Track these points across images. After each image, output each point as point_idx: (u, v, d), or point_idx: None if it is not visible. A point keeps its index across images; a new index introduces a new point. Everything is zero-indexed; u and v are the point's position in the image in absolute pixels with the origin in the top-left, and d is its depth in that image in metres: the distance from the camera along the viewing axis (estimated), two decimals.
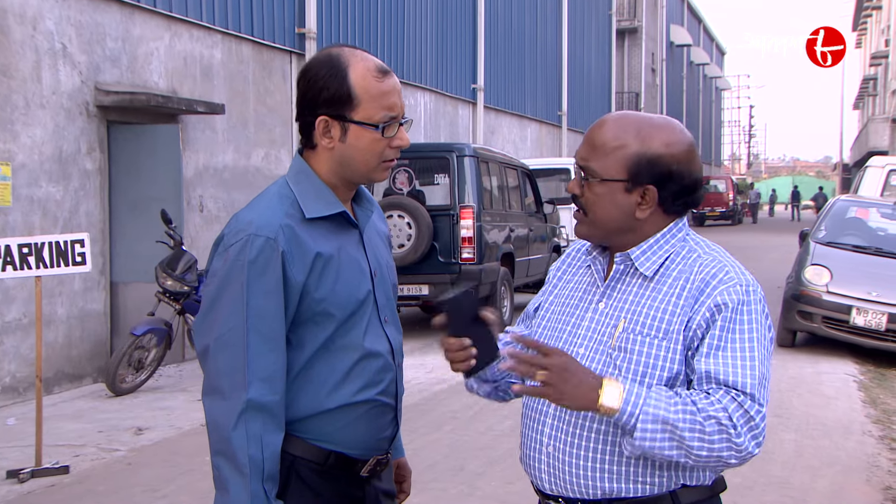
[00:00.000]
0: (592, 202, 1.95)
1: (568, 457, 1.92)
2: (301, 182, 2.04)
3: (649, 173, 1.91)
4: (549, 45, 22.73)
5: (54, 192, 7.80)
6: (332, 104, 1.99)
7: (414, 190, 10.42)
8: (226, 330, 1.93)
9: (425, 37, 15.52)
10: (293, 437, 1.99)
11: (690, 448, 1.78)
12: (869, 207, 11.32)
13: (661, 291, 1.91)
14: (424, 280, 10.18)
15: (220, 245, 1.99)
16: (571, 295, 2.06)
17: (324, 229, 2.02)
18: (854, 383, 8.48)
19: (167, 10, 9.04)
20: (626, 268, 1.97)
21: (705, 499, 1.95)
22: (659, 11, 37.91)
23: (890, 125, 29.11)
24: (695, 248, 1.96)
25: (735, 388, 1.81)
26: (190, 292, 7.96)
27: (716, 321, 1.85)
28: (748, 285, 1.89)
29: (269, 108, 10.84)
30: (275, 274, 1.93)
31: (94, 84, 8.20)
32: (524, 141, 20.99)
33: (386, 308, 2.13)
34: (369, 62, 2.02)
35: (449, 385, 7.85)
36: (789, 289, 10.05)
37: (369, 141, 2.01)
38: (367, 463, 2.08)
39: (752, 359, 1.83)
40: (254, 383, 1.91)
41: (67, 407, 7.37)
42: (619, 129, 1.94)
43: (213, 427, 1.94)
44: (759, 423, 1.80)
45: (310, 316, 1.98)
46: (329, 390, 2.01)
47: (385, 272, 2.16)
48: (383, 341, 2.09)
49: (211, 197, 9.79)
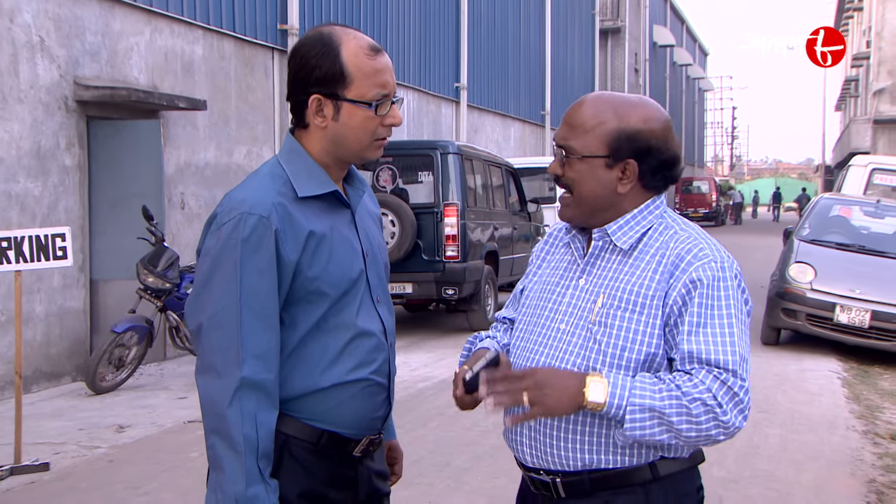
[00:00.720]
0: (575, 180, 1.99)
1: (549, 429, 1.96)
2: (293, 161, 2.04)
3: (629, 148, 1.96)
4: (533, 44, 22.73)
5: (32, 187, 7.70)
6: (325, 83, 1.98)
7: (397, 188, 10.36)
8: (219, 308, 1.92)
9: (408, 34, 15.47)
10: (286, 417, 1.99)
11: (680, 431, 1.83)
12: (852, 206, 11.37)
13: (639, 267, 1.95)
14: (408, 278, 10.12)
15: (213, 224, 1.98)
16: (553, 273, 2.10)
17: (316, 208, 2.02)
18: (838, 380, 8.50)
19: (148, 4, 8.95)
20: (604, 244, 2.01)
21: (684, 469, 1.99)
22: (642, 12, 38.00)
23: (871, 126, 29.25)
24: (671, 224, 2.00)
25: (717, 366, 1.84)
26: (172, 289, 7.88)
27: (693, 298, 1.89)
28: (723, 261, 1.92)
29: (250, 105, 10.76)
30: (268, 252, 1.92)
31: (73, 78, 8.10)
32: (507, 140, 20.97)
33: (378, 288, 2.13)
34: (361, 40, 2.02)
35: (434, 382, 7.80)
36: (774, 286, 10.06)
37: (362, 119, 2.01)
38: (359, 443, 2.08)
39: (730, 335, 1.87)
40: (248, 361, 1.90)
41: (46, 406, 7.27)
42: (597, 107, 1.99)
43: (208, 405, 1.93)
44: (743, 398, 1.84)
45: (303, 295, 1.98)
46: (322, 369, 2.01)
47: (377, 252, 2.16)
48: (376, 321, 2.10)
49: (192, 194, 9.70)
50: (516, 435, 2.03)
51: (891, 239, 10.51)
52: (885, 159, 15.52)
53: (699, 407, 1.81)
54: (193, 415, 6.73)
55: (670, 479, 1.96)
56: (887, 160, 15.19)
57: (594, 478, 1.95)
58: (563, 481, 1.97)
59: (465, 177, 10.48)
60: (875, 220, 10.99)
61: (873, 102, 29.59)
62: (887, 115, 28.76)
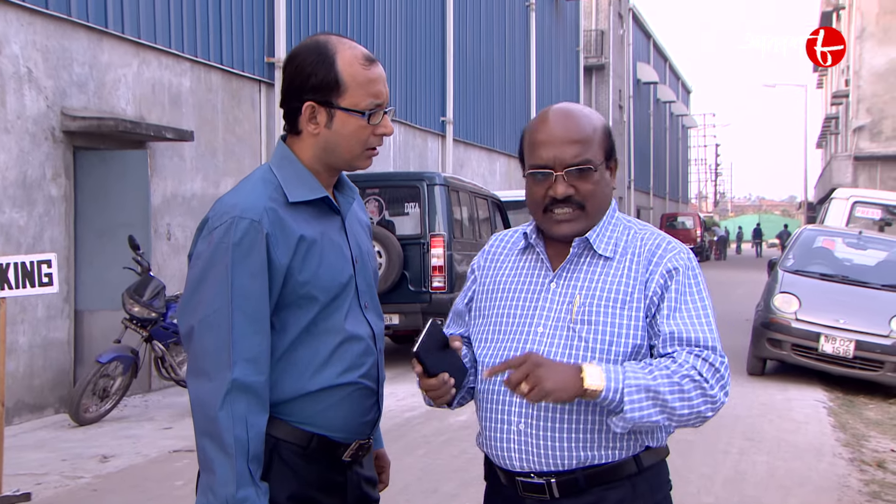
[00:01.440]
0: (592, 193, 2.04)
1: (542, 430, 1.97)
2: (284, 167, 2.06)
3: (611, 145, 2.08)
4: (518, 80, 22.93)
5: (18, 217, 7.68)
6: (320, 90, 2.01)
7: (384, 219, 10.38)
8: (210, 311, 1.93)
9: (394, 69, 15.58)
10: (276, 420, 2.00)
11: (674, 409, 1.88)
12: (835, 237, 11.46)
13: (612, 266, 2.03)
14: (395, 309, 10.10)
15: (205, 228, 2.00)
16: (514, 280, 2.11)
17: (307, 214, 2.03)
18: (824, 409, 8.52)
19: (136, 36, 9.00)
20: (582, 250, 2.05)
21: (660, 461, 2.07)
22: (625, 49, 38.43)
23: (852, 163, 29.57)
24: (629, 224, 2.10)
25: (697, 345, 1.93)
26: (157, 319, 7.84)
27: (670, 285, 1.99)
28: (688, 252, 2.06)
29: (237, 137, 10.80)
30: (259, 256, 1.94)
31: (60, 109, 8.12)
32: (493, 174, 21.08)
33: (366, 294, 2.15)
34: (356, 50, 2.05)
35: (420, 412, 7.77)
36: (759, 317, 10.11)
37: (355, 128, 2.03)
38: (349, 447, 2.08)
39: (706, 316, 1.98)
40: (238, 363, 1.91)
41: (28, 437, 7.19)
42: (584, 115, 2.07)
43: (199, 408, 1.93)
44: (724, 374, 1.94)
45: (293, 299, 2.00)
46: (312, 373, 2.02)
47: (366, 259, 2.18)
48: (364, 326, 2.11)
49: (179, 225, 9.69)
50: (501, 441, 2.03)
51: (874, 270, 10.61)
52: (867, 192, 15.71)
53: (689, 383, 1.88)
54: (179, 444, 6.67)
55: (650, 470, 2.03)
56: (869, 193, 15.37)
57: (588, 474, 1.98)
58: (558, 481, 1.99)
59: (451, 208, 10.51)
60: (858, 252, 11.09)
61: (853, 139, 29.94)
62: (867, 151, 29.10)
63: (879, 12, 29.20)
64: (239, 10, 10.83)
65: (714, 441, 6.76)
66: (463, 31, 18.76)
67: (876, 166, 29.24)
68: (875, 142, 29.34)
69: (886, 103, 29.38)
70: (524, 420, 1.99)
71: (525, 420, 1.99)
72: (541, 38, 24.54)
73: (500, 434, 2.03)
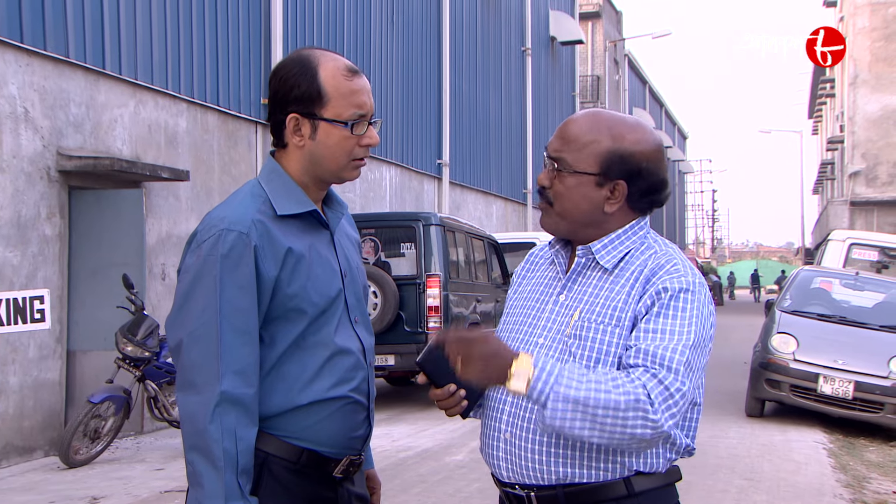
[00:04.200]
0: (561, 193, 2.00)
1: (524, 442, 1.95)
2: (273, 181, 2.06)
3: (620, 169, 1.97)
4: (514, 124, 23.06)
5: (11, 256, 7.64)
6: (303, 102, 2.01)
7: (380, 260, 10.36)
8: (199, 324, 1.92)
9: (391, 111, 15.67)
10: (266, 435, 1.98)
11: (604, 426, 1.78)
12: (832, 279, 11.42)
13: (618, 283, 1.97)
14: (391, 350, 10.03)
15: (193, 241, 2.00)
16: (533, 290, 2.11)
17: (295, 227, 2.03)
18: (824, 450, 8.42)
19: (132, 77, 9.05)
20: (587, 261, 2.02)
21: (660, 486, 1.96)
22: (621, 95, 38.76)
23: (849, 208, 29.71)
24: (652, 244, 2.04)
25: (657, 362, 1.82)
26: (151, 358, 7.77)
27: (654, 305, 1.90)
28: (694, 276, 1.94)
29: (233, 178, 10.81)
30: (248, 268, 1.93)
31: (56, 149, 8.12)
32: (490, 217, 21.11)
33: (356, 309, 2.14)
34: (339, 62, 2.06)
35: (415, 452, 7.67)
36: (757, 357, 10.05)
37: (339, 139, 2.03)
38: (339, 462, 2.06)
39: (679, 335, 1.85)
40: (227, 376, 1.90)
41: (17, 480, 7.08)
42: (593, 124, 2.00)
43: (188, 421, 1.91)
44: (677, 400, 1.81)
45: (282, 312, 1.98)
46: (301, 386, 2.00)
47: (355, 274, 2.17)
48: (354, 340, 2.09)
49: (173, 265, 9.65)
50: (493, 450, 2.02)
51: (871, 311, 10.55)
52: (863, 234, 15.72)
53: (630, 402, 1.77)
54: (171, 485, 6.57)
55: (646, 496, 1.94)
56: (865, 235, 15.39)
57: (568, 492, 1.93)
58: (538, 495, 1.96)
59: (447, 248, 10.49)
60: (855, 293, 11.04)
61: (849, 185, 30.10)
62: (863, 196, 29.24)
63: (872, 60, 29.55)
64: (236, 51, 10.91)
65: (713, 481, 6.67)
66: (459, 74, 18.91)
67: (872, 211, 29.36)
68: (871, 187, 29.51)
69: (881, 149, 29.61)
70: (510, 430, 1.98)
71: (511, 430, 1.98)
72: (537, 82, 24.73)
73: (492, 442, 2.02)
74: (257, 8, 11.39)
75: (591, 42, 35.05)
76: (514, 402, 1.98)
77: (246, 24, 11.13)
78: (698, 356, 1.88)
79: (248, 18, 11.17)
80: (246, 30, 11.13)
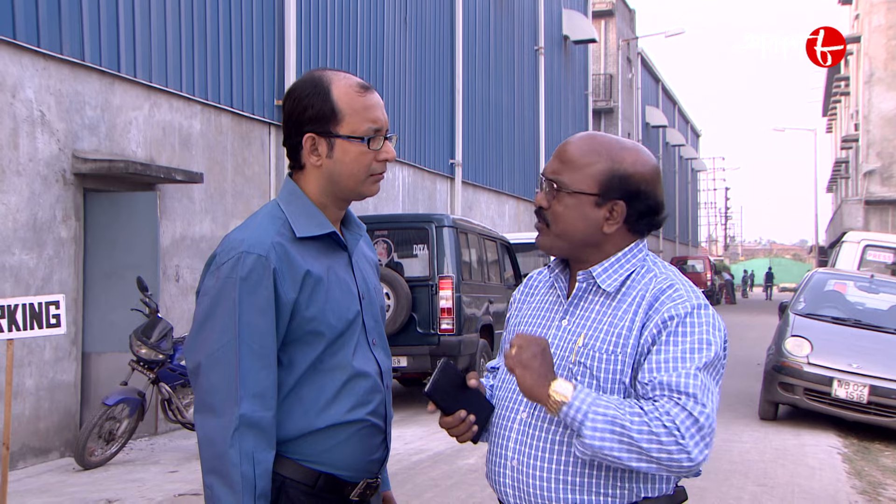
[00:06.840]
0: (559, 214, 2.00)
1: (531, 468, 1.95)
2: (292, 203, 2.06)
3: (619, 189, 1.98)
4: (527, 123, 23.04)
5: (27, 259, 7.69)
6: (318, 121, 2.02)
7: (392, 261, 10.36)
8: (217, 347, 1.92)
9: (404, 111, 15.68)
10: (283, 458, 1.97)
11: (641, 448, 1.77)
12: (846, 281, 11.36)
13: (621, 309, 1.96)
14: (403, 352, 10.04)
15: (213, 264, 2.00)
16: (534, 315, 2.11)
17: (314, 250, 2.03)
18: (838, 455, 8.38)
19: (147, 80, 9.08)
20: (588, 285, 2.02)
21: None
22: (634, 93, 38.64)
23: (863, 206, 29.55)
24: (652, 267, 2.02)
25: (677, 390, 1.81)
26: (165, 360, 7.80)
27: (661, 334, 1.89)
28: (698, 300, 1.93)
29: (247, 179, 10.84)
30: (266, 291, 1.93)
31: (71, 152, 8.16)
32: (502, 217, 21.09)
33: (374, 331, 2.13)
34: (351, 79, 2.07)
35: (428, 455, 7.68)
36: (770, 360, 10.00)
37: (356, 154, 2.04)
38: (357, 486, 2.06)
39: (692, 360, 1.84)
40: (245, 399, 1.89)
41: (33, 482, 7.12)
42: (591, 146, 2.01)
43: (207, 444, 1.91)
44: (704, 424, 1.79)
45: (300, 335, 1.98)
46: (319, 410, 2.00)
47: (373, 296, 2.17)
48: (372, 363, 2.09)
49: (187, 267, 9.69)
50: (499, 476, 2.03)
51: (887, 314, 10.49)
52: (878, 236, 15.62)
53: (660, 427, 1.77)
54: (184, 488, 6.60)
55: None
56: (880, 237, 15.28)
57: None
58: None
59: (460, 250, 10.49)
60: (870, 296, 10.98)
61: (864, 183, 29.92)
62: (878, 195, 29.05)
63: (887, 58, 29.36)
64: (249, 53, 10.93)
65: (727, 487, 6.65)
66: (472, 73, 18.90)
67: (887, 210, 29.18)
68: (886, 186, 29.31)
69: None
70: (516, 457, 1.98)
71: (517, 457, 1.98)
72: (549, 81, 24.69)
73: (498, 468, 2.03)
74: (271, 9, 11.40)
75: (605, 41, 34.95)
76: (520, 429, 1.98)
77: (259, 25, 11.16)
78: (713, 374, 1.88)
79: (261, 20, 11.19)
80: (259, 31, 11.16)
